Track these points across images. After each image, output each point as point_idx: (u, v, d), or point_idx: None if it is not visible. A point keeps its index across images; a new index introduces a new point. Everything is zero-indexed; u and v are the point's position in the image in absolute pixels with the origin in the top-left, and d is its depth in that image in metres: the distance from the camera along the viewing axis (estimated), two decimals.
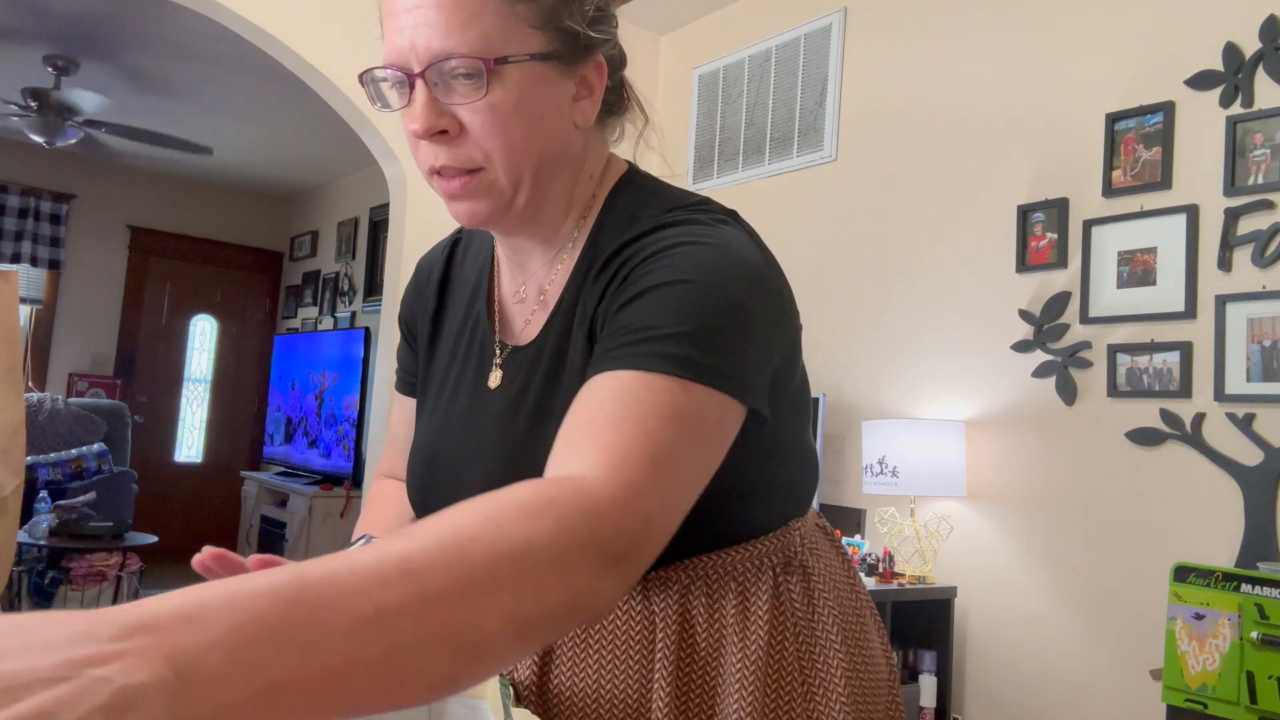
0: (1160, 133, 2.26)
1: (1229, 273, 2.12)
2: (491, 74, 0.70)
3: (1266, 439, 2.03)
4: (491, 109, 0.71)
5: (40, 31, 4.18)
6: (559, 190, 0.79)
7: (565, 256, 0.81)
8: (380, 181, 3.84)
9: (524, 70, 0.72)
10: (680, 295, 0.67)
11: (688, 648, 0.76)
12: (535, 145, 0.74)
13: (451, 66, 0.70)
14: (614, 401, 0.62)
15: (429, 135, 0.72)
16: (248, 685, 0.38)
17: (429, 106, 0.71)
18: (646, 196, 0.81)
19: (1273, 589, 1.69)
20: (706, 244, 0.71)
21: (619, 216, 0.79)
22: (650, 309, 0.67)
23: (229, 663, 0.38)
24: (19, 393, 1.03)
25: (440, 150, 0.73)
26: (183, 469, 6.70)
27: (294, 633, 0.40)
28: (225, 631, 0.38)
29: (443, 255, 0.93)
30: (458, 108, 0.72)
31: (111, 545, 4.34)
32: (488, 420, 0.81)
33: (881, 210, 2.92)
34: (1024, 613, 2.45)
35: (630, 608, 0.76)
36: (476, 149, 0.73)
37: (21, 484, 1.05)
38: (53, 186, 6.08)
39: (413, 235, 3.32)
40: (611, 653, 0.75)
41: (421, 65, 0.71)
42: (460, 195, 0.75)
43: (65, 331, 6.18)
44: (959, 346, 2.65)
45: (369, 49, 3.28)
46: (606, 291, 0.73)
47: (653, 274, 0.69)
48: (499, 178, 0.74)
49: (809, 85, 3.22)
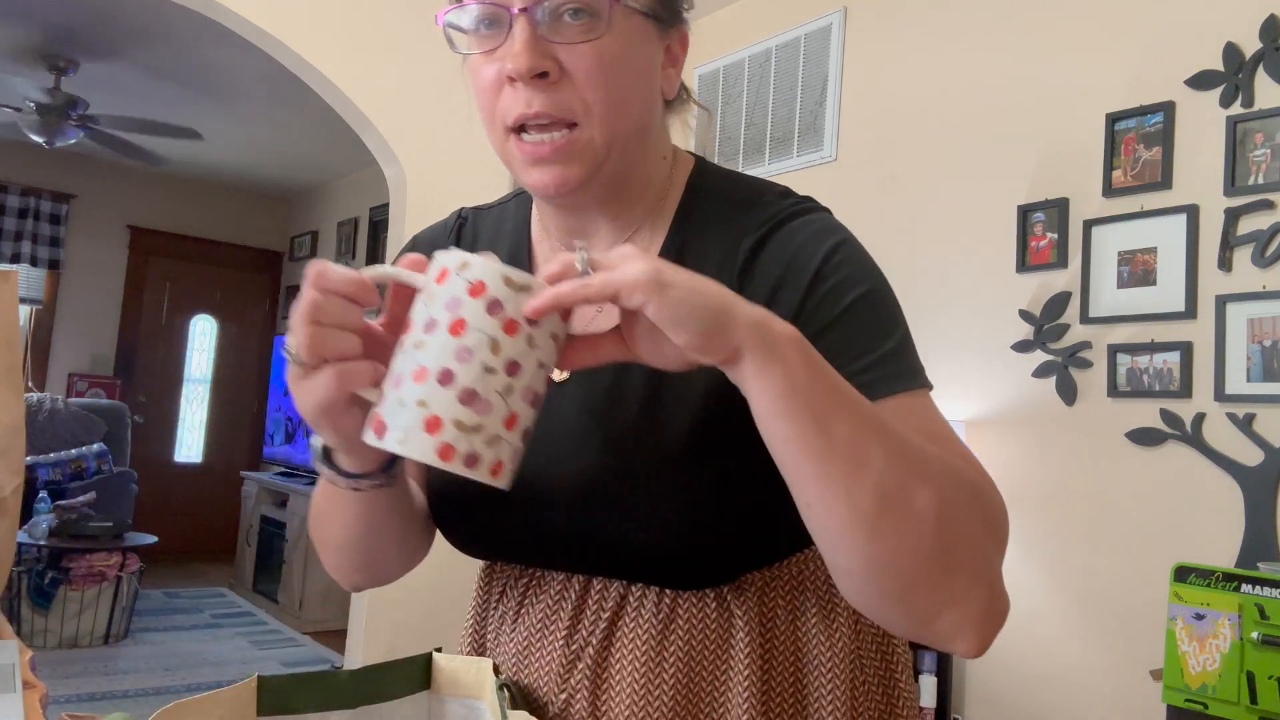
0: (1160, 133, 2.26)
1: (1229, 273, 2.12)
2: (611, 14, 0.66)
3: (1267, 439, 2.03)
4: (601, 54, 0.67)
5: (40, 31, 4.18)
6: (639, 164, 0.75)
7: (640, 241, 0.77)
8: (380, 181, 3.84)
9: (631, 20, 0.69)
10: (871, 307, 0.70)
11: (769, 648, 0.75)
12: (634, 104, 0.70)
13: (569, 7, 0.65)
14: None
15: (529, 76, 0.66)
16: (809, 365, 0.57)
17: (533, 44, 0.66)
18: (740, 184, 0.79)
19: (1273, 589, 1.69)
20: (849, 239, 0.73)
21: (718, 204, 0.76)
22: (859, 329, 0.69)
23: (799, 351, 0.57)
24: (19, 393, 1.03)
25: (535, 95, 0.67)
26: (182, 469, 6.70)
27: (838, 382, 0.58)
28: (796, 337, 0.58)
29: (450, 237, 0.87)
30: (562, 48, 0.66)
31: (111, 545, 4.34)
32: (571, 414, 0.75)
33: (882, 210, 2.92)
34: (1024, 612, 2.45)
35: (706, 609, 0.74)
36: (576, 97, 0.67)
37: (21, 484, 1.04)
38: (52, 186, 6.08)
39: (412, 235, 3.32)
40: (688, 654, 0.74)
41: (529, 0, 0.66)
42: (550, 158, 0.68)
43: (65, 331, 6.18)
44: (959, 346, 2.66)
45: (369, 49, 3.29)
46: (780, 293, 0.70)
47: (840, 288, 0.70)
48: (595, 135, 0.68)
49: (809, 85, 3.22)
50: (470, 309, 0.54)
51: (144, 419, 6.23)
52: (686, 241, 0.75)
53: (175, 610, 5.18)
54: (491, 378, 0.54)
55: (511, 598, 0.82)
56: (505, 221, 0.85)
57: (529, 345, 0.55)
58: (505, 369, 0.54)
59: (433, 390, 0.53)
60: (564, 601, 0.77)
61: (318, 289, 0.56)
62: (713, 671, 0.73)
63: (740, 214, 0.75)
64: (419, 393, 0.54)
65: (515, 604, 0.81)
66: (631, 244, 0.76)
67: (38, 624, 4.18)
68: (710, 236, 0.75)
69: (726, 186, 0.78)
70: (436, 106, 3.34)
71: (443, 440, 0.53)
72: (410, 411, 0.54)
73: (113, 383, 6.23)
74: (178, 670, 4.11)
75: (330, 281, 0.56)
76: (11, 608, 4.13)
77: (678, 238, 0.76)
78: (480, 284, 0.54)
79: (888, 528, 0.58)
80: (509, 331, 0.54)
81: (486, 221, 0.87)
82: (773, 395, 0.56)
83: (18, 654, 0.89)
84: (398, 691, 0.74)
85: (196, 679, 3.98)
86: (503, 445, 0.55)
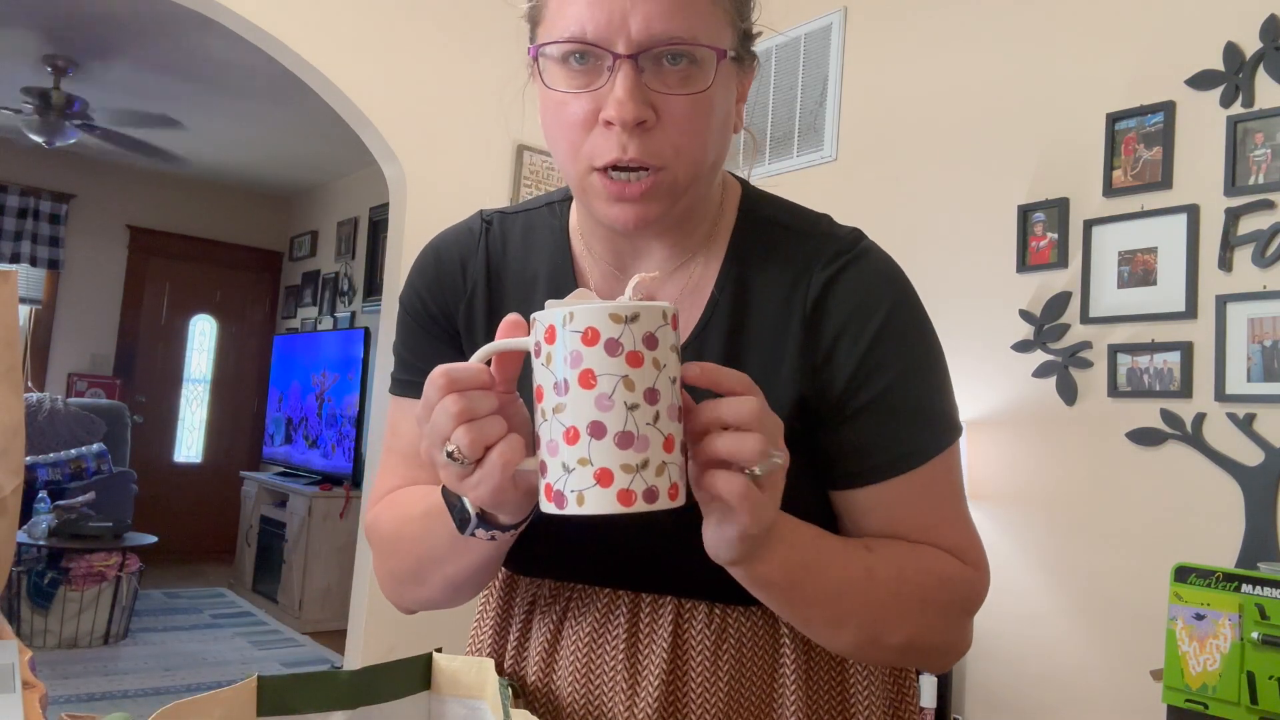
0: (1161, 133, 2.26)
1: (1229, 273, 2.12)
2: (719, 67, 0.67)
3: (1267, 439, 2.03)
4: (698, 103, 0.67)
5: (40, 31, 4.17)
6: (704, 196, 0.76)
7: (695, 268, 0.77)
8: (380, 181, 3.83)
9: (723, 68, 0.68)
10: (915, 384, 0.74)
11: (812, 659, 0.78)
12: (716, 146, 0.71)
13: (669, 52, 0.65)
14: (937, 496, 0.76)
15: (632, 125, 0.65)
16: (789, 559, 0.65)
17: (636, 93, 0.65)
18: (791, 213, 0.80)
19: (1273, 589, 1.69)
20: (908, 289, 0.77)
21: (775, 233, 0.78)
22: (893, 416, 0.73)
23: (788, 540, 0.65)
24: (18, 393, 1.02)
25: (630, 141, 0.66)
26: (182, 469, 6.70)
27: (817, 558, 0.68)
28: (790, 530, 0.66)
29: (478, 244, 0.83)
30: (663, 97, 0.66)
31: (111, 545, 4.34)
32: None
33: (881, 210, 2.92)
34: (1024, 613, 2.44)
35: (755, 621, 0.77)
36: (668, 143, 0.67)
37: (21, 484, 1.04)
38: (52, 186, 6.08)
39: (412, 235, 3.32)
40: (739, 664, 0.76)
41: (635, 47, 0.64)
42: (635, 199, 0.68)
43: (65, 331, 6.18)
44: (959, 346, 2.65)
45: (369, 49, 3.28)
46: (840, 342, 0.73)
47: (888, 362, 0.73)
48: (679, 177, 0.68)
49: (809, 85, 3.22)
50: (593, 357, 0.55)
51: (144, 419, 6.23)
52: (745, 273, 0.76)
53: (175, 610, 5.18)
54: (637, 413, 0.55)
55: (550, 613, 0.81)
56: (537, 230, 0.83)
57: (657, 368, 0.56)
58: (646, 399, 0.55)
59: (590, 446, 0.55)
60: (615, 615, 0.78)
61: (456, 391, 0.58)
62: (763, 681, 0.76)
63: (798, 244, 0.76)
64: (578, 453, 0.55)
65: (556, 619, 0.81)
66: (686, 272, 0.78)
67: (37, 624, 4.18)
68: (771, 268, 0.76)
69: (778, 215, 0.79)
70: (436, 106, 3.34)
71: (618, 489, 0.55)
72: (578, 473, 0.55)
73: (112, 383, 6.22)
74: (177, 670, 4.11)
75: (464, 380, 0.58)
76: (11, 608, 4.13)
77: (734, 267, 0.76)
78: (592, 330, 0.55)
79: (860, 655, 0.73)
80: (635, 364, 0.55)
81: (514, 228, 0.84)
82: (759, 591, 0.67)
83: (17, 654, 0.89)
84: (398, 692, 0.74)
85: (196, 679, 3.98)
86: (670, 469, 0.56)
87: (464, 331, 0.81)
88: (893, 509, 0.74)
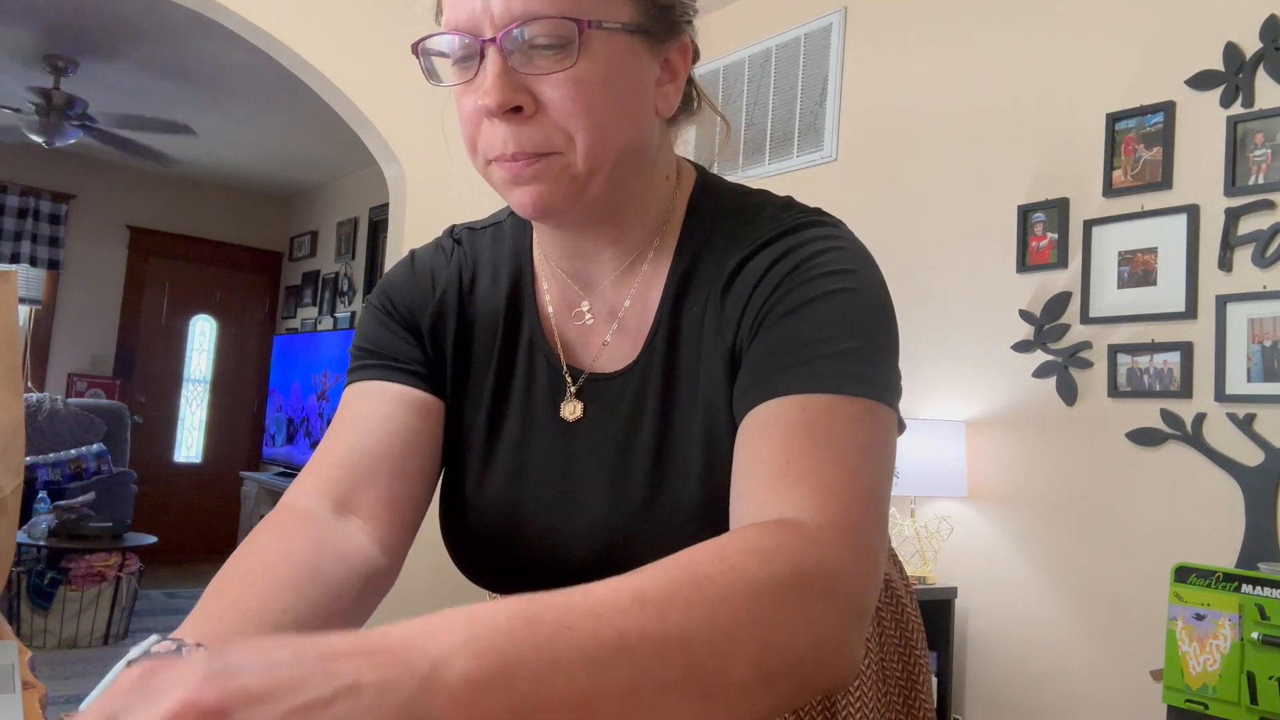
0: (1161, 133, 2.26)
1: (1229, 273, 2.12)
2: (583, 39, 0.61)
3: (1267, 439, 2.03)
4: (577, 82, 0.62)
5: (40, 31, 4.17)
6: (636, 187, 0.71)
7: (645, 269, 0.73)
8: (380, 181, 3.83)
9: (612, 41, 0.63)
10: (846, 304, 0.63)
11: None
12: (620, 129, 0.65)
13: (533, 32, 0.61)
14: (807, 435, 0.58)
15: (502, 112, 0.62)
16: (498, 700, 0.37)
17: (504, 78, 0.62)
18: (741, 200, 0.74)
19: (1273, 589, 1.69)
20: (846, 248, 0.67)
21: (720, 224, 0.72)
22: (818, 319, 0.62)
23: (476, 669, 0.37)
24: (18, 393, 1.03)
25: (511, 133, 0.63)
26: (182, 469, 6.70)
27: (535, 650, 0.38)
28: (465, 640, 0.37)
29: (447, 261, 0.80)
30: (536, 79, 0.62)
31: (111, 546, 4.34)
32: (581, 460, 0.72)
33: (882, 210, 2.92)
34: (1024, 613, 2.44)
35: None
36: (555, 129, 0.63)
37: (21, 484, 1.04)
38: (52, 186, 6.08)
39: (412, 235, 3.32)
40: None
41: (497, 29, 0.61)
42: (528, 179, 0.65)
43: (64, 332, 6.18)
44: (959, 346, 2.65)
45: (369, 49, 3.29)
46: (750, 304, 0.66)
47: (811, 283, 0.64)
48: (575, 162, 0.64)
49: (809, 85, 3.22)
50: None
51: (144, 419, 6.22)
52: (694, 265, 0.71)
53: (175, 610, 5.18)
54: None
55: None
56: (502, 243, 0.80)
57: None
58: None
59: None
60: None
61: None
62: None
63: (746, 230, 0.71)
64: None
65: None
66: (636, 273, 0.73)
67: (37, 624, 4.17)
68: (714, 258, 0.71)
69: (729, 202, 0.74)
70: (437, 106, 3.34)
71: None
72: None
73: (112, 383, 6.22)
74: None
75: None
76: (11, 608, 4.13)
77: (684, 260, 0.72)
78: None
79: (745, 712, 0.47)
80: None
81: (483, 244, 0.81)
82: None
83: (17, 654, 0.89)
84: None
85: None
86: None
87: (429, 338, 0.78)
88: (757, 447, 0.60)
